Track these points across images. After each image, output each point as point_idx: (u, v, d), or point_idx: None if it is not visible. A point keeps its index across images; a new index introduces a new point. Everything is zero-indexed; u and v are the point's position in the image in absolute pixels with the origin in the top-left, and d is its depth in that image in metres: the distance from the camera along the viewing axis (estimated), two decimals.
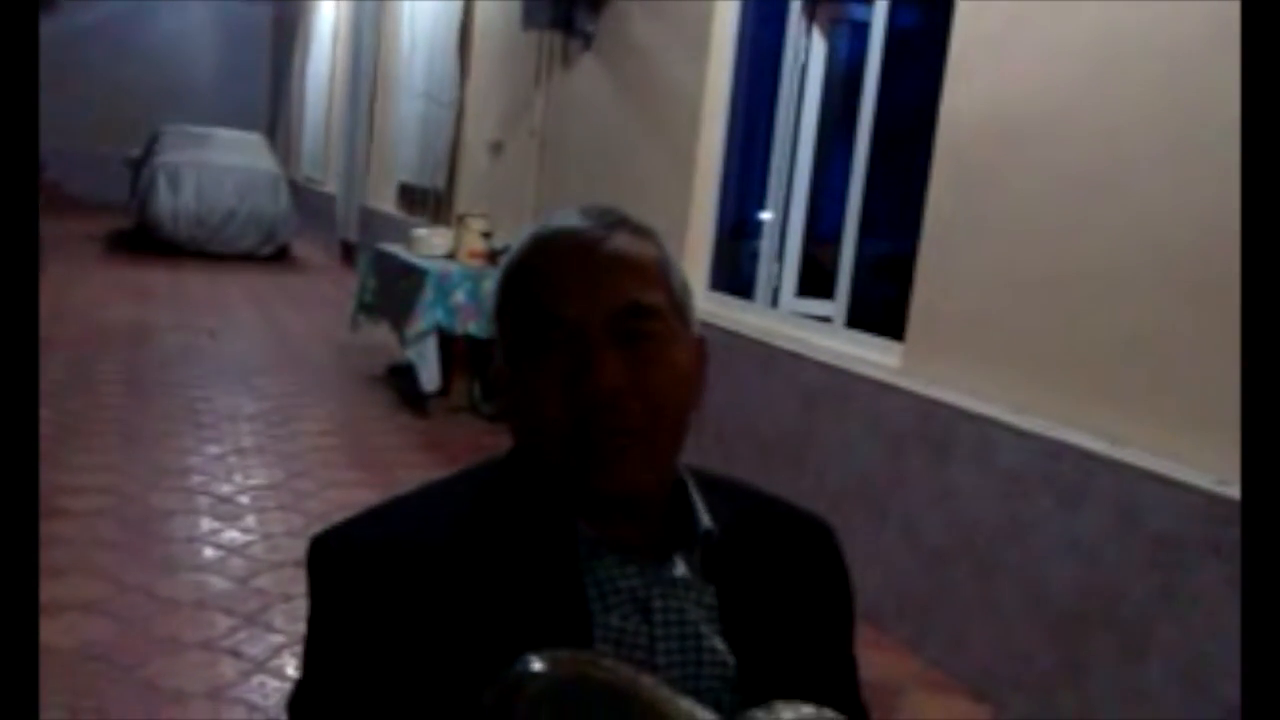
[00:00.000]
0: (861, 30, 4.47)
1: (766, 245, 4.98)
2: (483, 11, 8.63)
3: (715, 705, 0.91)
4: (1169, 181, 2.89)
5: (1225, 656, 2.54)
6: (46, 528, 3.97)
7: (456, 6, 9.04)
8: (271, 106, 20.64)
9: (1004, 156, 3.43)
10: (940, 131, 3.68)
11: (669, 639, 0.98)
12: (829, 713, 0.90)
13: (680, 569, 1.00)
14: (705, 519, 1.03)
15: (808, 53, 4.85)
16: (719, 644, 0.99)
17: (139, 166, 13.74)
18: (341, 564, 0.97)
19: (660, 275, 1.01)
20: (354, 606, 0.94)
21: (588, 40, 6.46)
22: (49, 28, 18.13)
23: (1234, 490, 2.57)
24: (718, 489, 1.09)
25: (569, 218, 1.03)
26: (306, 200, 14.73)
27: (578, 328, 0.96)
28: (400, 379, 6.67)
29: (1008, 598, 3.18)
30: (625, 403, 0.95)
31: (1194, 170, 2.81)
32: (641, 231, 1.04)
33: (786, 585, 1.07)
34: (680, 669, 0.97)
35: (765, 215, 5.08)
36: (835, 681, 1.09)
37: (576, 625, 0.95)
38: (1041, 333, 3.26)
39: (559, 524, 0.98)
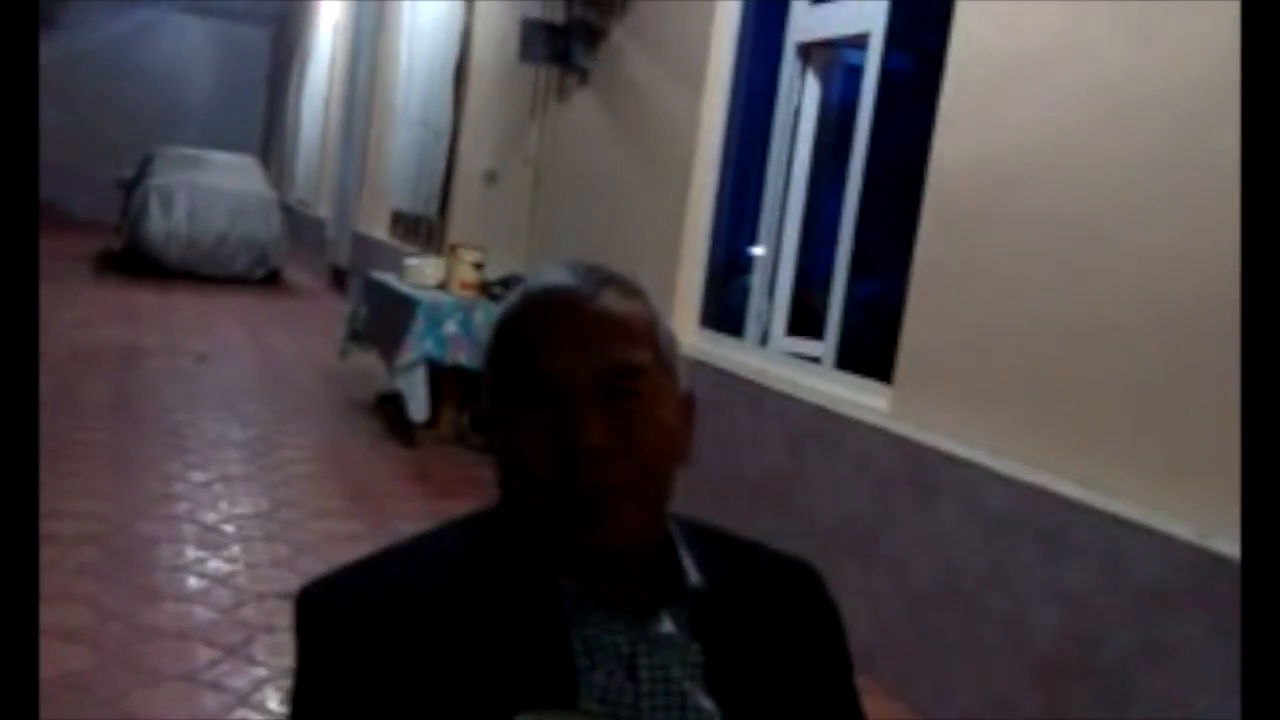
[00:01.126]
0: (855, 74, 4.52)
1: (758, 283, 5.01)
2: (480, 43, 8.69)
3: None
4: (1159, 232, 2.91)
5: (1207, 708, 2.55)
6: None
7: (454, 36, 9.11)
8: (266, 130, 20.70)
9: (994, 203, 3.46)
10: (930, 177, 3.72)
11: (655, 695, 0.98)
12: None
13: (667, 626, 1.01)
14: (693, 575, 1.04)
15: (801, 94, 4.89)
16: (705, 702, 1.00)
17: (131, 187, 13.75)
18: (327, 617, 0.98)
19: (647, 333, 1.03)
20: (339, 661, 0.95)
21: (584, 75, 6.51)
22: (46, 48, 18.19)
23: (1217, 542, 2.58)
24: (703, 539, 1.10)
25: (559, 274, 1.04)
26: (299, 224, 14.75)
27: (564, 385, 0.97)
28: (389, 408, 6.67)
29: (992, 644, 3.19)
30: (610, 460, 0.96)
31: (1184, 221, 2.84)
32: (630, 290, 1.05)
33: (775, 635, 1.08)
34: None
35: (757, 251, 5.10)
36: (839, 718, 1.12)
37: (562, 683, 0.95)
38: (1029, 379, 3.28)
39: (544, 579, 0.99)
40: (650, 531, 1.03)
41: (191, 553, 4.25)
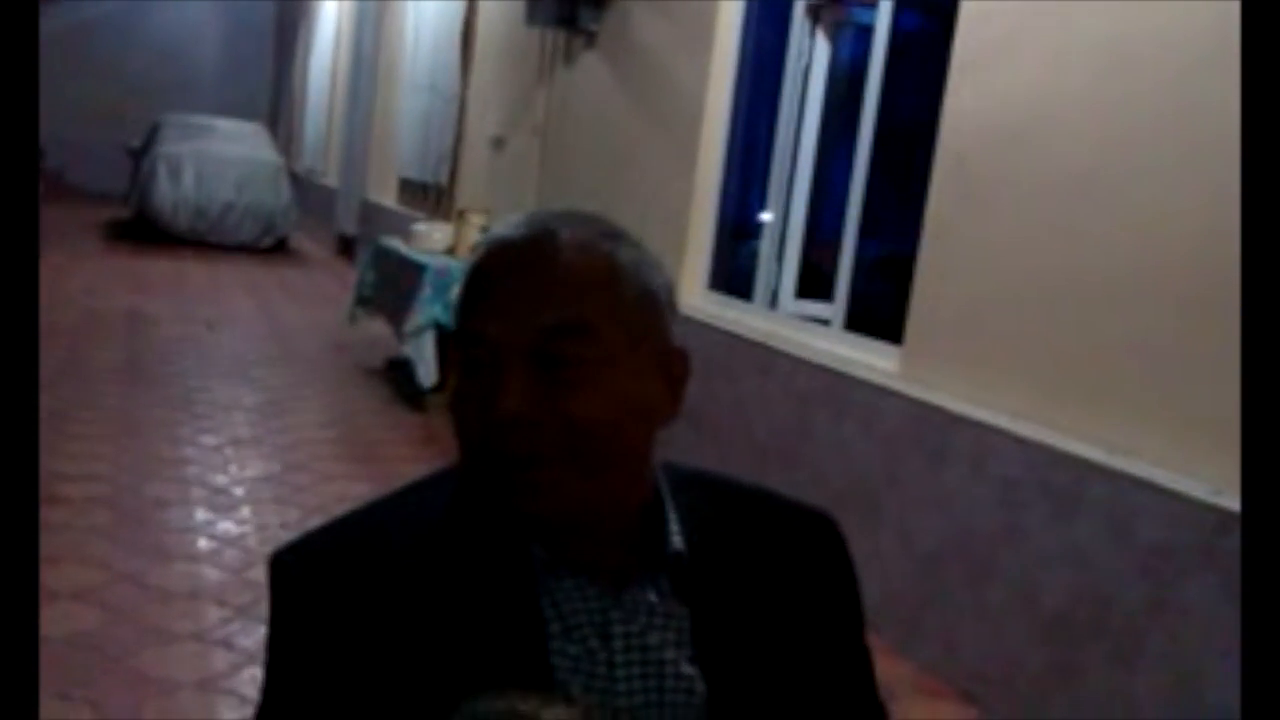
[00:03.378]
0: (865, 33, 4.47)
1: (766, 246, 4.98)
2: (487, 7, 8.62)
3: None
4: (1172, 188, 2.89)
5: (1215, 666, 2.54)
6: (41, 514, 3.97)
7: (461, 1, 9.04)
8: (274, 98, 20.63)
9: (1006, 161, 3.43)
10: (942, 135, 3.68)
11: (630, 665, 0.94)
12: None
13: (647, 592, 0.97)
14: (677, 540, 0.98)
15: (811, 54, 4.84)
16: (688, 669, 0.96)
17: (140, 156, 13.73)
18: (298, 582, 0.95)
19: (604, 287, 0.93)
20: (309, 626, 0.93)
21: (591, 38, 6.46)
22: (54, 19, 18.14)
23: (1229, 500, 2.57)
24: (704, 492, 1.05)
25: (514, 225, 0.97)
26: (307, 192, 14.72)
27: (493, 348, 0.92)
28: (397, 373, 6.67)
29: (1000, 603, 3.18)
30: (534, 430, 0.90)
31: (1198, 177, 2.81)
32: (593, 238, 0.95)
33: (777, 593, 1.02)
34: (643, 695, 0.94)
35: (766, 216, 5.08)
36: (847, 681, 1.07)
37: (533, 651, 0.92)
38: (1039, 339, 3.26)
39: (514, 546, 0.95)
40: (606, 499, 0.95)
41: (201, 515, 4.26)
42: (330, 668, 0.91)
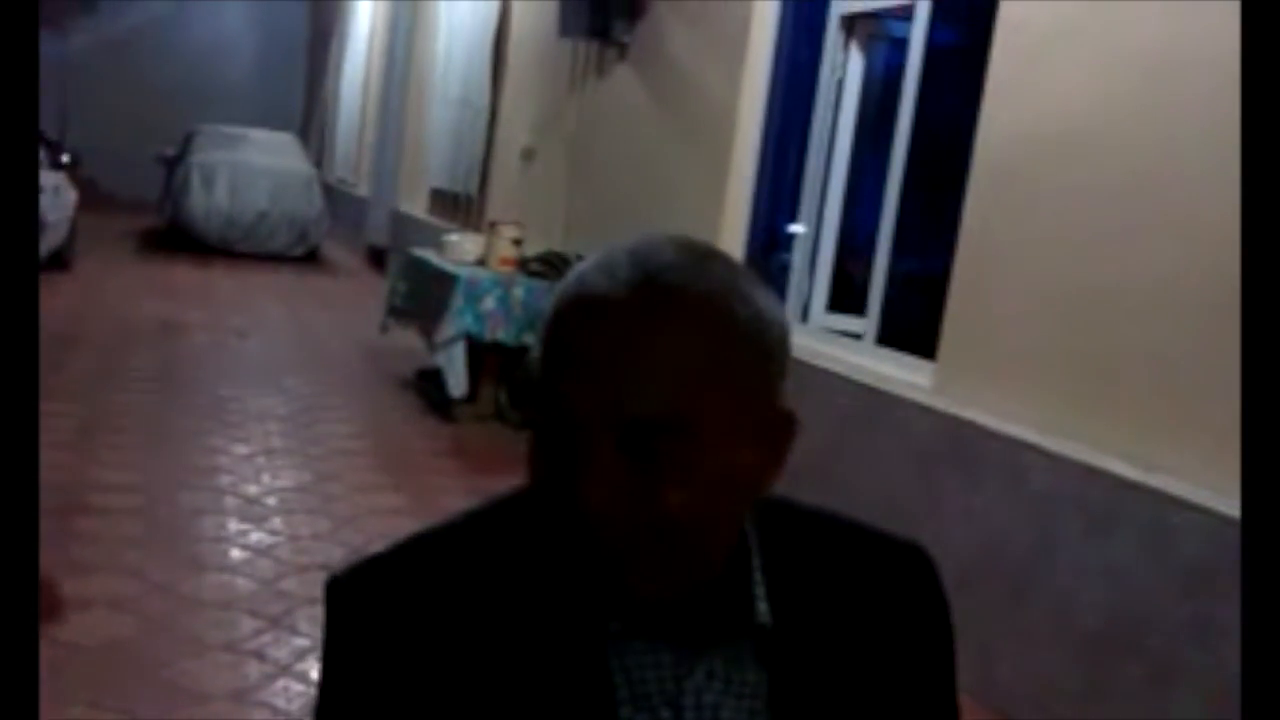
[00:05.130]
0: (899, 46, 4.46)
1: (798, 258, 4.97)
2: (519, 19, 8.66)
3: None
4: (1212, 199, 2.85)
5: None
6: (74, 524, 4.00)
7: (493, 12, 9.08)
8: (306, 108, 20.79)
9: (1042, 175, 3.40)
10: (978, 148, 3.66)
11: None
12: None
13: (724, 659, 0.88)
14: (763, 608, 0.89)
15: (845, 67, 4.83)
16: None
17: (173, 165, 13.87)
18: (356, 609, 0.90)
19: (714, 372, 0.80)
20: (366, 657, 0.88)
21: (623, 50, 6.47)
22: (87, 34, 18.36)
23: None
24: (791, 533, 0.95)
25: (614, 270, 0.81)
26: (338, 202, 14.81)
27: (580, 421, 0.79)
28: (428, 384, 6.69)
29: (1036, 622, 3.15)
30: (619, 523, 0.80)
31: (1232, 188, 2.77)
32: (705, 300, 0.80)
33: (869, 646, 0.93)
34: None
35: (797, 228, 5.06)
36: None
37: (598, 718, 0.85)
38: (1076, 354, 3.23)
39: (588, 609, 0.87)
40: (696, 579, 0.85)
41: (234, 525, 4.28)
42: (383, 706, 0.87)
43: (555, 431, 0.81)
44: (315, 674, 3.14)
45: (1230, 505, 2.64)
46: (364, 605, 0.90)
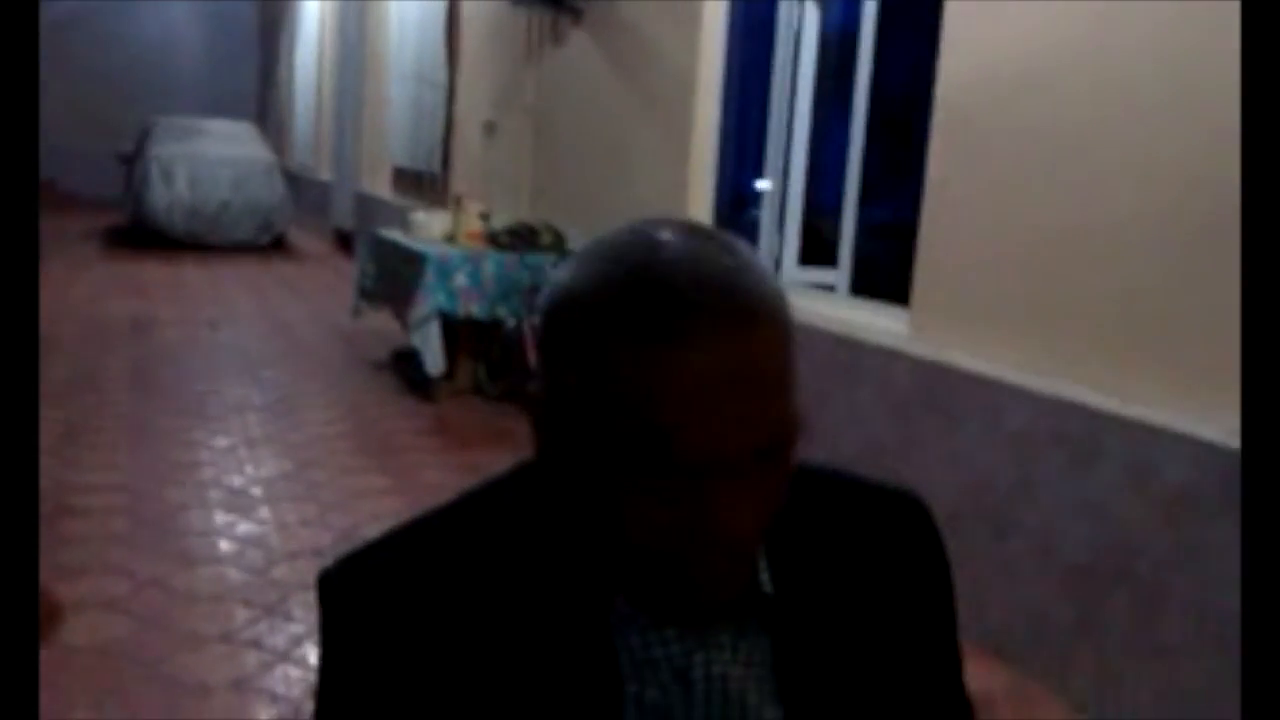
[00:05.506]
0: None
1: (766, 214, 4.97)
2: None
3: None
4: (1171, 132, 2.88)
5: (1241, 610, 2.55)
6: (60, 527, 3.99)
7: None
8: (261, 95, 20.55)
9: (1002, 116, 3.41)
10: (938, 95, 3.67)
11: (710, 704, 0.86)
12: None
13: (730, 631, 0.87)
14: (765, 579, 0.88)
15: (801, 20, 4.82)
16: (770, 712, 0.87)
17: (132, 161, 13.71)
18: (351, 603, 0.87)
19: (790, 371, 0.78)
20: (367, 651, 0.86)
21: (577, 15, 6.43)
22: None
23: None
24: (793, 496, 0.89)
25: (660, 279, 0.73)
26: (301, 188, 14.69)
27: (701, 463, 0.73)
28: (405, 364, 6.68)
29: (1022, 559, 3.19)
30: (699, 553, 0.77)
31: (1194, 119, 2.80)
32: (765, 294, 0.76)
33: (869, 599, 0.92)
34: None
35: (764, 185, 5.07)
36: (936, 686, 0.97)
37: (606, 699, 0.84)
38: (1048, 291, 3.25)
39: (592, 586, 0.85)
40: (749, 572, 0.86)
41: (221, 517, 4.27)
42: (386, 697, 0.85)
43: (654, 474, 0.74)
44: (313, 659, 3.15)
45: (1207, 430, 2.68)
46: (359, 596, 0.87)
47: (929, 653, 0.96)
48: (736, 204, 5.56)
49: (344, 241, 12.83)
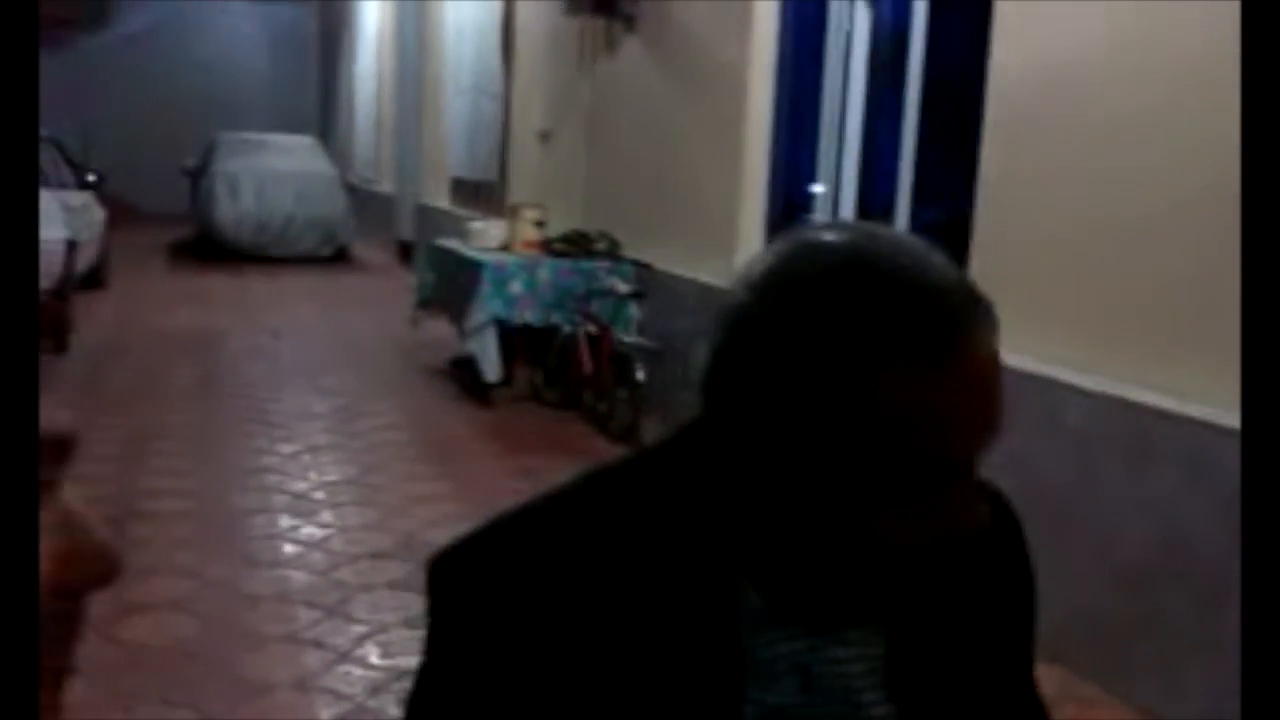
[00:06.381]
0: None
1: (819, 218, 4.97)
2: (524, 2, 8.66)
3: None
4: (1228, 120, 2.84)
5: None
6: (129, 530, 4.09)
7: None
8: (322, 110, 20.88)
9: (1056, 112, 3.39)
10: (990, 91, 3.65)
11: (830, 703, 0.85)
12: None
13: (851, 629, 0.87)
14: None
15: (852, 20, 4.82)
16: (880, 704, 0.86)
17: (197, 176, 14.01)
18: (463, 592, 0.85)
19: None
20: (474, 643, 0.83)
21: (630, 22, 6.47)
22: (101, 48, 18.50)
23: None
24: None
25: (960, 311, 0.75)
26: (362, 201, 14.90)
27: (955, 465, 0.77)
28: (463, 371, 6.75)
29: (1079, 557, 3.16)
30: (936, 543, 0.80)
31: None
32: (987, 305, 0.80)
33: (967, 594, 0.91)
34: None
35: (817, 188, 5.06)
36: (1019, 689, 0.98)
37: (729, 697, 0.83)
38: (1103, 290, 3.23)
39: (723, 587, 0.83)
40: None
41: (285, 521, 4.36)
42: (490, 693, 0.83)
43: (908, 482, 0.75)
44: (374, 659, 3.21)
45: None
46: (470, 584, 0.85)
47: (1015, 651, 0.97)
48: (791, 206, 5.55)
49: (406, 252, 12.98)
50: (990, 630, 0.93)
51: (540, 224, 6.63)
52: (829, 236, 0.78)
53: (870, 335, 0.72)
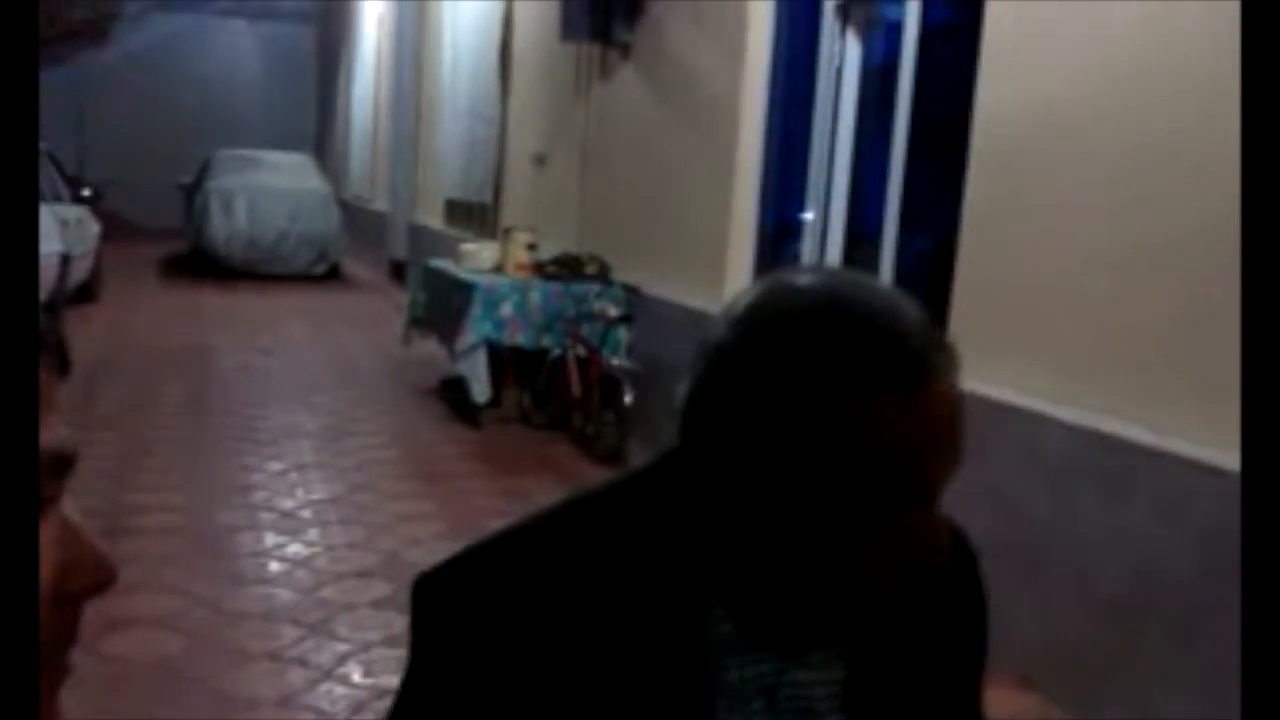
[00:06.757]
0: (895, 30, 4.51)
1: (808, 245, 5.02)
2: (521, 26, 8.75)
3: None
4: (1209, 161, 2.89)
5: None
6: (116, 546, 4.10)
7: (496, 23, 9.17)
8: (319, 128, 20.97)
9: (1040, 147, 3.45)
10: (976, 125, 3.71)
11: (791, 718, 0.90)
12: None
13: (817, 653, 0.91)
14: None
15: (842, 54, 4.89)
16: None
17: (192, 192, 14.06)
18: (447, 611, 0.88)
19: None
20: (456, 661, 0.86)
21: (625, 50, 6.54)
22: (100, 64, 18.56)
23: None
24: None
25: (933, 352, 0.81)
26: (356, 219, 14.95)
27: (929, 494, 0.82)
28: (452, 392, 6.79)
29: (1054, 591, 3.20)
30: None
31: (1236, 147, 2.82)
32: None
33: (925, 625, 0.95)
34: None
35: (806, 216, 5.12)
36: (965, 717, 1.03)
37: (697, 719, 0.87)
38: (1084, 322, 3.27)
39: (696, 611, 0.87)
40: None
41: (271, 539, 4.38)
42: (476, 704, 0.85)
43: (889, 510, 0.80)
44: (358, 677, 3.23)
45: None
46: (454, 603, 0.88)
47: (966, 679, 1.02)
48: (780, 234, 5.61)
49: (398, 271, 13.03)
50: (945, 658, 0.97)
51: (533, 247, 6.68)
52: (808, 279, 0.85)
53: (847, 366, 0.77)
